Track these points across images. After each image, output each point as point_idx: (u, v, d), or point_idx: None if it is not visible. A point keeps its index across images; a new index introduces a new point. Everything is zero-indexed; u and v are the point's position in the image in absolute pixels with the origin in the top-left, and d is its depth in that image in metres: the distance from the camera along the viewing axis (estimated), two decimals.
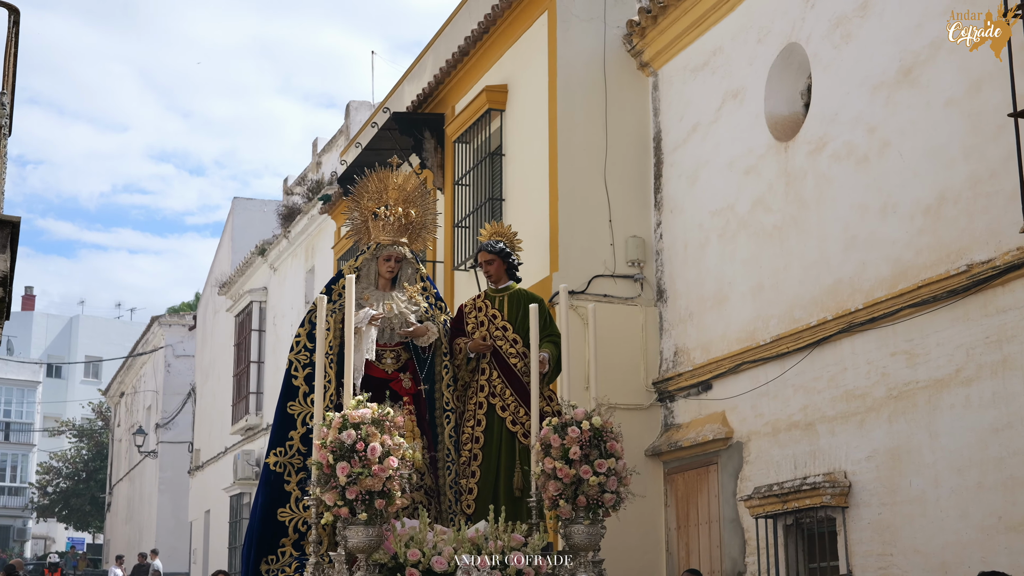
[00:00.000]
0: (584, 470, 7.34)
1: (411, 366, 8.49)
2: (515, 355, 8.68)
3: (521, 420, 8.52)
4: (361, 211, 8.73)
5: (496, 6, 13.32)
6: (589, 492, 7.33)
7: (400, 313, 8.46)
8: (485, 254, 9.00)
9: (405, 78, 17.11)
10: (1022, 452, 8.01)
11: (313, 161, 23.91)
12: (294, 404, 8.38)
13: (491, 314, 8.85)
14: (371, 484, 6.84)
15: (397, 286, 8.70)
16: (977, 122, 8.48)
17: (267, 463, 8.30)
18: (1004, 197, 8.18)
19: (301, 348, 8.54)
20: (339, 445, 6.90)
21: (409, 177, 8.80)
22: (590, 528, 7.43)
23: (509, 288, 9.00)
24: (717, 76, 11.46)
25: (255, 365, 24.06)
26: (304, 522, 8.00)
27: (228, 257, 27.81)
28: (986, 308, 8.32)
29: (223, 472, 25.64)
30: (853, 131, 9.67)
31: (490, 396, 8.65)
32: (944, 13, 8.78)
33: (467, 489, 8.51)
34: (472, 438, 8.61)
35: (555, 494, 7.37)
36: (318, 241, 21.35)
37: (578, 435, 7.39)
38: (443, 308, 8.86)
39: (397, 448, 6.99)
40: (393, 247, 8.56)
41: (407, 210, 8.65)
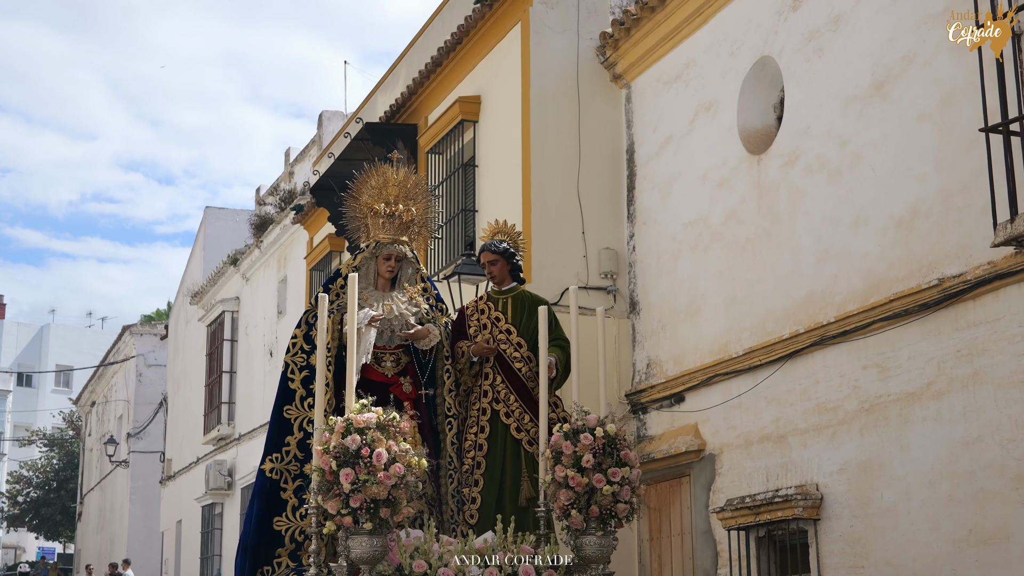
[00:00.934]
0: (597, 479, 7.07)
1: (411, 370, 8.18)
2: (520, 359, 8.40)
3: (526, 427, 8.25)
4: (360, 208, 8.41)
5: (469, 17, 13.32)
6: (602, 502, 7.08)
7: (400, 314, 8.16)
8: (488, 254, 8.68)
9: (378, 88, 17.10)
10: (992, 465, 8.03)
11: (285, 171, 23.87)
12: (291, 408, 8.08)
13: (494, 316, 8.55)
14: (376, 492, 6.56)
15: (397, 286, 8.39)
16: (949, 136, 8.51)
17: (262, 470, 7.97)
18: (976, 211, 8.21)
19: (298, 350, 8.22)
20: (343, 451, 6.62)
21: (409, 173, 8.50)
22: (602, 540, 7.17)
23: (513, 290, 8.70)
24: (690, 89, 11.48)
25: (227, 375, 24.00)
26: (302, 532, 7.72)
27: (200, 267, 27.74)
28: (957, 322, 8.35)
29: (195, 482, 25.55)
30: (826, 144, 9.70)
31: (494, 402, 8.35)
32: (917, 27, 8.82)
33: (470, 498, 8.19)
34: (475, 445, 8.30)
35: (566, 503, 7.10)
36: (290, 251, 21.30)
37: (591, 442, 7.12)
38: (444, 310, 8.55)
39: (403, 454, 6.72)
40: (393, 246, 8.26)
41: (408, 207, 8.34)
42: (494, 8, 12.94)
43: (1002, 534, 7.92)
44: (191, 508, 25.86)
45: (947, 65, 8.54)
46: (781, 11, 10.29)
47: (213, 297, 25.38)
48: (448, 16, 14.62)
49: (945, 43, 8.56)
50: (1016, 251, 7.87)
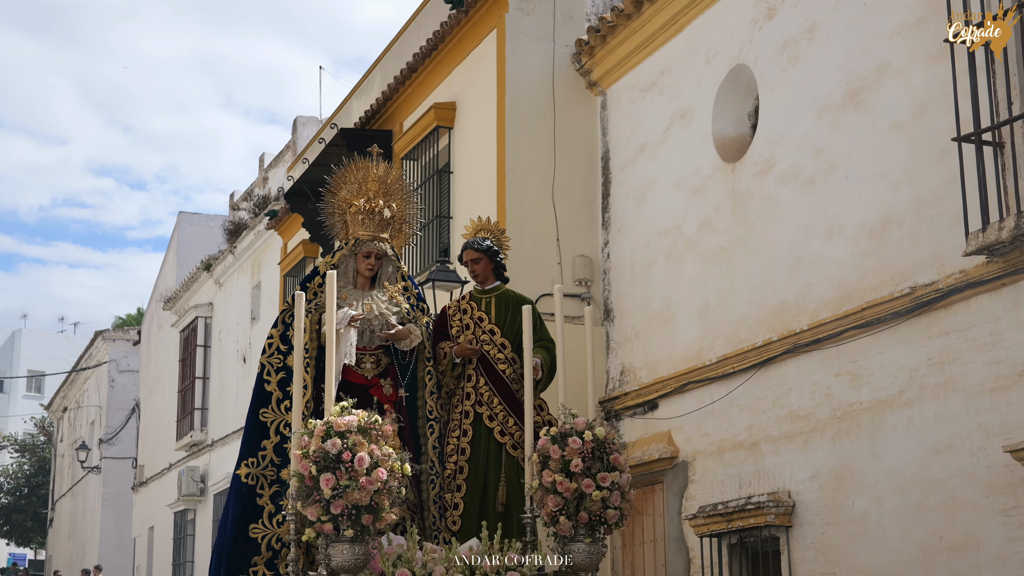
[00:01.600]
0: (586, 484, 6.87)
1: (392, 371, 7.92)
2: (503, 360, 8.16)
3: (510, 430, 8.03)
4: (339, 204, 8.16)
5: (445, 23, 13.32)
6: (591, 508, 6.88)
7: (381, 314, 7.88)
8: (471, 252, 8.41)
9: (353, 94, 17.09)
10: (963, 473, 8.07)
11: (260, 176, 23.82)
12: (267, 411, 7.81)
13: (477, 316, 8.30)
14: (358, 498, 6.34)
15: (377, 285, 8.10)
16: (922, 146, 8.55)
17: (237, 475, 7.72)
18: (948, 221, 8.25)
19: (274, 351, 7.93)
20: (323, 455, 6.39)
21: (390, 169, 8.25)
22: (591, 547, 6.95)
23: (497, 289, 8.46)
24: (665, 96, 11.51)
25: (200, 381, 23.92)
26: (279, 539, 7.46)
27: (173, 272, 27.65)
28: (929, 330, 8.38)
29: (167, 488, 25.45)
30: (799, 153, 9.73)
31: (476, 404, 8.11)
32: (891, 37, 8.86)
33: (452, 504, 7.96)
34: (457, 449, 8.07)
35: (554, 509, 6.89)
36: (264, 257, 21.25)
37: (580, 446, 6.92)
38: (425, 310, 8.30)
39: (386, 459, 6.50)
40: (373, 243, 7.99)
41: (388, 203, 8.09)
42: (470, 14, 12.94)
43: (972, 541, 7.96)
44: (163, 514, 25.75)
45: (920, 75, 8.58)
46: (756, 20, 10.33)
47: (186, 303, 25.30)
48: (424, 22, 14.63)
49: (919, 53, 8.61)
50: (988, 260, 7.91)
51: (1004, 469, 7.74)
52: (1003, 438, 7.76)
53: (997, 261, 7.84)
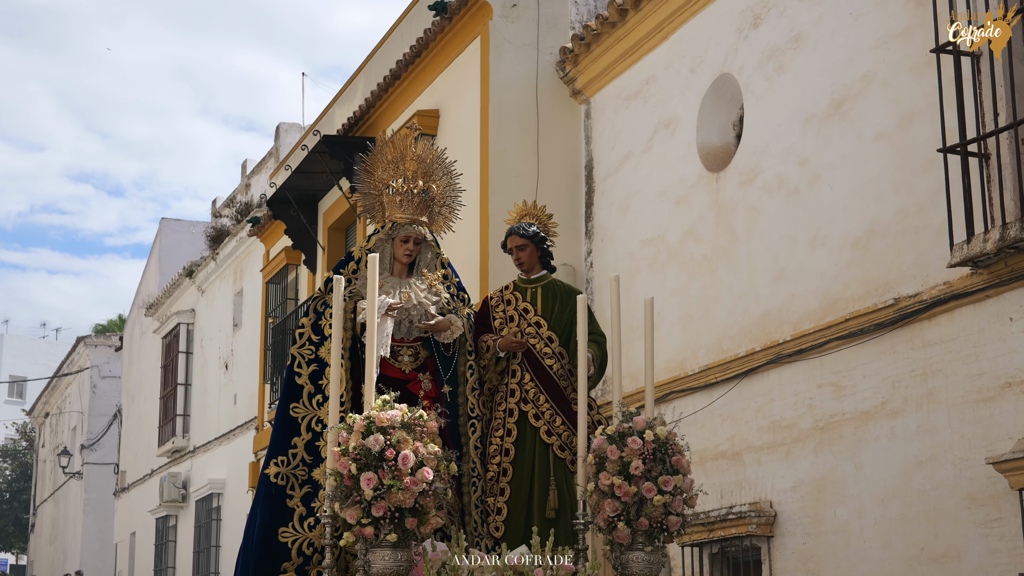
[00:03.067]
0: (647, 488, 6.33)
1: (431, 365, 7.38)
2: (551, 355, 7.62)
3: (557, 430, 7.50)
4: (374, 184, 7.56)
5: (428, 30, 13.28)
6: (652, 514, 6.33)
7: (419, 303, 7.31)
8: (516, 238, 7.86)
9: (336, 101, 17.04)
10: (945, 484, 8.05)
11: (242, 183, 23.76)
12: (297, 406, 7.16)
13: (522, 308, 7.76)
14: (402, 499, 5.85)
15: (415, 272, 7.53)
16: (907, 157, 8.53)
17: (266, 474, 7.09)
18: (932, 232, 8.23)
19: (305, 341, 7.29)
20: (365, 452, 5.90)
21: (430, 146, 7.71)
22: (651, 556, 6.39)
23: (543, 278, 7.89)
24: (649, 105, 11.48)
25: (182, 387, 23.86)
26: (310, 544, 6.89)
27: (155, 278, 27.57)
28: (912, 342, 8.36)
29: (149, 494, 25.38)
30: (784, 163, 9.71)
31: (521, 402, 7.55)
32: (876, 47, 8.85)
33: (495, 509, 7.40)
34: (501, 450, 7.51)
35: (612, 515, 6.34)
36: (247, 263, 21.20)
37: (640, 447, 6.40)
38: (466, 300, 7.73)
39: (432, 457, 6.02)
40: (412, 227, 7.41)
41: (428, 184, 7.53)
42: (453, 21, 12.91)
43: (953, 552, 7.94)
44: (145, 520, 25.67)
45: (906, 85, 8.57)
46: (741, 28, 10.31)
47: (168, 309, 25.23)
48: (407, 29, 14.58)
49: (904, 63, 8.60)
50: (972, 272, 7.89)
51: (986, 481, 7.72)
52: (985, 450, 7.74)
53: (981, 273, 7.83)
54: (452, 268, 7.68)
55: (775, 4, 9.93)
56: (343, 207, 16.38)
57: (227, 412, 21.38)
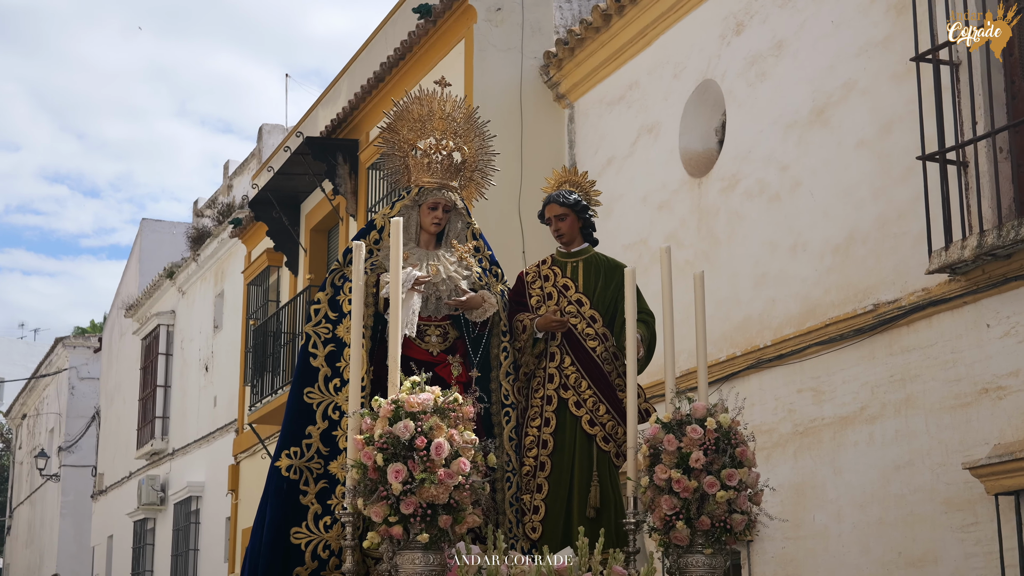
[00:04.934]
0: (709, 482, 5.66)
1: (460, 347, 6.61)
2: (593, 336, 6.82)
3: (601, 420, 6.71)
4: (399, 144, 6.80)
5: (413, 33, 13.31)
6: (715, 512, 5.67)
7: (449, 278, 6.56)
8: (555, 207, 7.07)
9: (319, 102, 17.05)
10: (923, 489, 8.10)
11: (224, 184, 23.74)
12: (312, 391, 6.39)
13: (562, 284, 6.95)
14: (435, 494, 5.17)
15: (443, 243, 6.78)
16: (887, 164, 8.59)
17: (276, 467, 6.31)
18: (911, 239, 8.29)
19: (321, 319, 6.51)
20: (392, 441, 5.21)
21: (460, 104, 6.97)
22: (712, 559, 5.73)
23: (585, 251, 7.10)
24: (633, 110, 11.53)
25: (161, 389, 23.80)
26: (326, 546, 6.17)
27: (135, 279, 27.50)
28: (891, 347, 8.42)
29: (127, 497, 25.30)
30: (766, 169, 9.76)
31: (561, 388, 6.74)
32: (857, 55, 8.91)
33: (531, 507, 6.63)
34: (538, 442, 6.72)
35: (669, 513, 5.68)
36: (228, 265, 21.17)
37: (700, 436, 5.75)
38: (499, 276, 6.92)
39: (469, 447, 5.33)
40: (441, 192, 6.65)
41: (459, 146, 6.78)
42: (438, 24, 12.94)
43: (930, 557, 7.99)
44: (123, 523, 25.58)
45: (886, 93, 8.63)
46: (724, 35, 10.36)
47: (148, 310, 25.17)
48: (391, 31, 14.61)
49: (885, 71, 8.66)
50: (950, 279, 7.95)
51: (963, 486, 7.78)
52: (962, 455, 7.79)
53: (959, 280, 7.89)
54: (484, 239, 6.96)
55: (758, 11, 10.00)
56: (326, 209, 16.39)
57: (207, 415, 21.35)
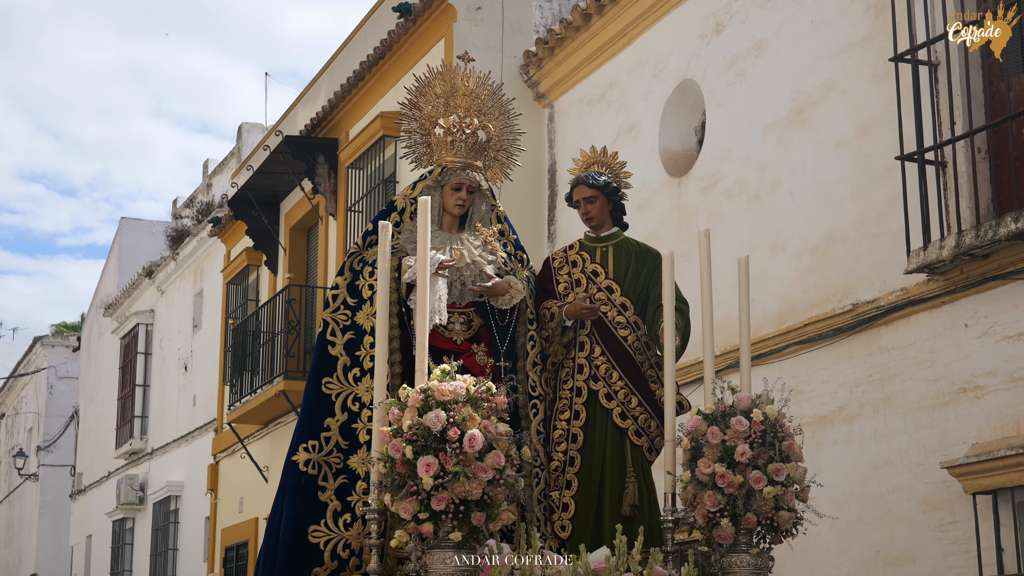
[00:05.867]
0: (756, 478, 5.36)
1: (485, 335, 6.27)
2: (624, 325, 6.49)
3: (633, 413, 6.38)
4: (421, 121, 6.45)
5: (393, 32, 13.30)
6: (761, 509, 5.38)
7: (473, 262, 6.24)
8: (584, 188, 6.72)
9: (299, 102, 17.03)
10: (901, 488, 8.12)
11: (203, 183, 23.68)
12: (331, 381, 6.06)
13: (591, 270, 6.64)
14: (468, 490, 4.84)
15: (467, 227, 6.45)
16: (866, 164, 8.61)
17: (294, 461, 5.97)
18: (890, 239, 8.31)
19: (340, 305, 6.17)
20: (423, 432, 4.88)
21: (484, 81, 6.61)
22: (757, 559, 5.43)
23: (615, 236, 6.77)
24: (613, 110, 11.53)
25: (140, 388, 23.72)
26: (346, 545, 5.84)
27: (114, 278, 27.41)
28: (870, 347, 8.43)
29: (106, 496, 25.22)
30: (745, 169, 9.77)
31: (591, 380, 6.42)
32: (837, 55, 8.93)
33: (560, 505, 6.30)
34: (567, 436, 6.38)
35: (713, 510, 5.36)
36: (207, 264, 21.13)
37: (746, 428, 5.44)
38: (525, 261, 6.60)
39: (503, 439, 5.00)
40: (465, 172, 6.33)
41: (484, 124, 6.46)
42: (417, 24, 12.93)
43: (908, 556, 8.01)
44: (102, 523, 25.50)
45: (865, 93, 8.65)
46: (704, 35, 10.37)
47: (127, 309, 25.09)
48: (371, 30, 14.59)
49: (864, 71, 8.68)
50: (928, 278, 7.98)
51: (941, 485, 7.80)
52: (940, 454, 7.82)
53: (937, 279, 7.91)
54: (509, 223, 6.64)
55: (737, 11, 10.01)
56: (305, 208, 16.37)
57: (186, 414, 21.29)
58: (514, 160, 6.66)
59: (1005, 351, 7.52)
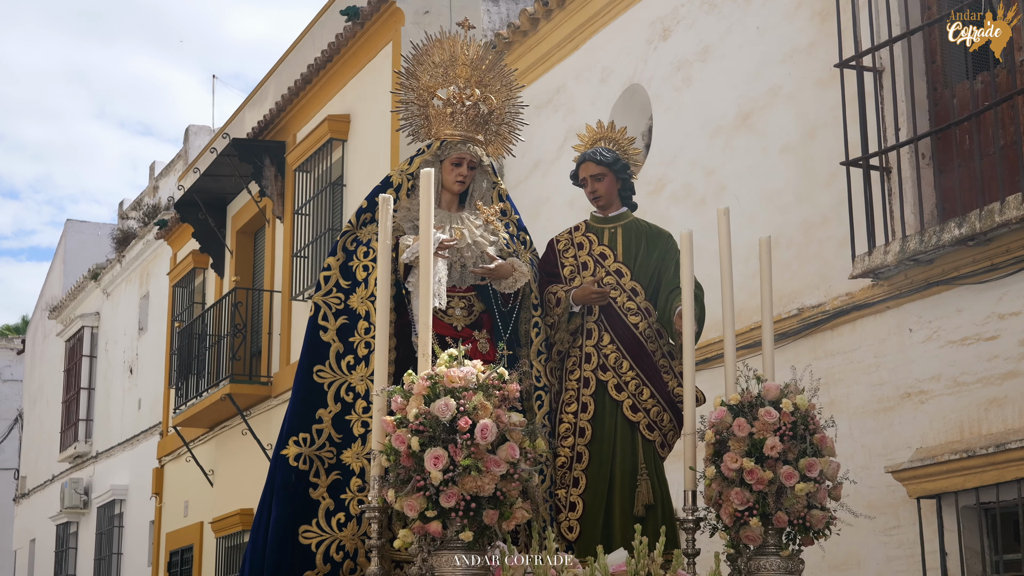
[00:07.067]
0: (787, 473, 4.95)
1: (487, 322, 5.86)
2: (635, 311, 6.10)
3: (644, 405, 5.98)
4: (419, 92, 6.01)
5: (340, 35, 13.25)
6: (793, 507, 4.99)
7: (475, 243, 5.83)
8: (591, 165, 6.30)
9: (246, 104, 16.94)
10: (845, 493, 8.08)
11: (150, 185, 23.52)
12: (323, 369, 5.62)
13: (598, 252, 6.25)
14: (479, 485, 4.45)
15: (467, 205, 6.05)
16: (811, 169, 8.65)
17: (283, 456, 5.51)
18: (835, 243, 8.35)
19: (332, 287, 5.73)
20: (431, 422, 4.49)
21: (486, 51, 6.22)
22: (787, 563, 5.05)
23: (623, 216, 6.39)
24: (560, 114, 11.53)
25: (85, 391, 23.53)
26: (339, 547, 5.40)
27: (59, 280, 27.19)
28: (815, 351, 8.47)
29: (50, 500, 25.01)
30: (691, 173, 9.80)
31: (599, 370, 6.01)
32: (783, 61, 8.97)
33: (567, 504, 5.86)
34: (574, 430, 5.96)
35: (741, 509, 4.98)
36: (153, 266, 20.99)
37: (775, 420, 5.03)
38: (527, 243, 6.20)
39: (517, 430, 4.62)
40: (465, 146, 5.92)
41: (485, 95, 6.04)
42: (365, 27, 12.89)
43: (853, 560, 8.05)
44: (45, 527, 25.29)
45: (811, 99, 8.69)
46: (651, 40, 10.39)
47: (72, 312, 24.90)
48: (319, 33, 14.54)
49: (809, 77, 8.72)
50: (873, 283, 8.02)
51: (885, 489, 7.84)
52: (885, 459, 7.86)
53: (882, 284, 7.96)
54: (511, 202, 6.26)
55: (684, 17, 10.03)
56: (252, 211, 16.28)
57: (131, 417, 21.14)
58: (517, 135, 6.25)
59: (949, 356, 7.57)
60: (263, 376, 15.47)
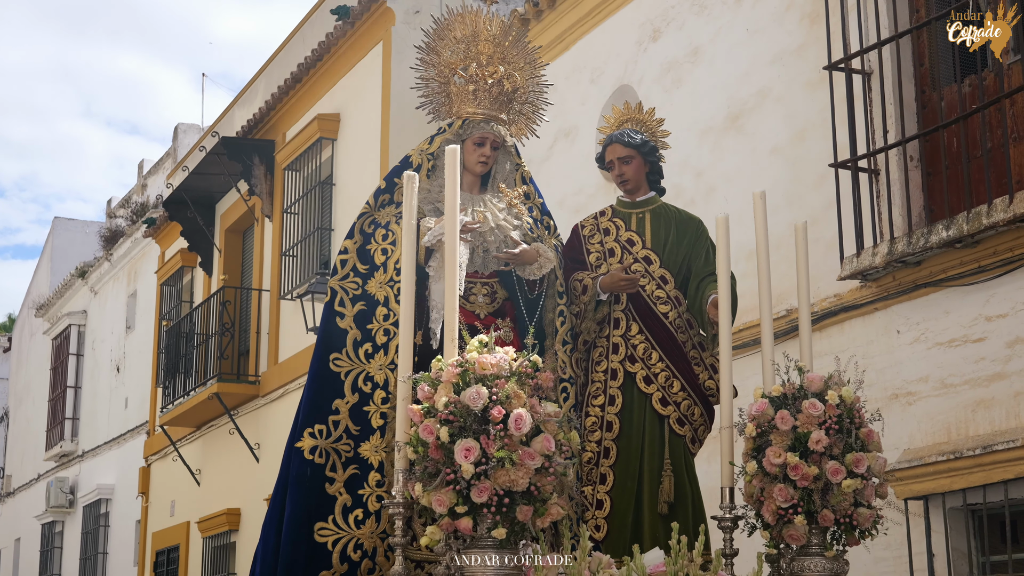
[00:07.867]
0: (833, 469, 4.69)
1: (510, 310, 5.59)
2: (664, 300, 5.84)
3: (675, 398, 5.76)
4: (440, 68, 5.79)
5: (330, 34, 13.25)
6: (840, 505, 4.72)
7: (498, 227, 5.56)
8: (618, 147, 6.07)
9: (236, 103, 16.93)
10: None
11: (138, 183, 23.49)
12: (340, 358, 5.31)
13: (625, 239, 5.98)
14: (513, 479, 4.15)
15: (490, 187, 5.80)
16: (800, 171, 8.67)
17: (298, 449, 5.22)
18: (823, 245, 8.37)
19: (349, 271, 5.48)
20: (462, 411, 4.20)
21: (509, 27, 5.92)
22: (833, 564, 4.76)
23: (652, 201, 6.12)
24: (549, 114, 11.46)
25: (72, 390, 23.48)
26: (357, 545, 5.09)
27: (46, 278, 27.13)
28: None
29: (35, 499, 24.96)
30: (680, 175, 9.80)
31: (628, 361, 5.75)
32: (772, 63, 8.99)
33: (594, 501, 5.62)
34: (601, 424, 5.70)
35: (784, 506, 4.70)
36: (141, 265, 20.96)
37: (820, 413, 4.78)
38: (552, 228, 5.95)
39: (552, 421, 4.33)
40: (488, 125, 5.67)
41: (509, 72, 5.77)
42: (356, 26, 12.89)
43: None
44: (30, 526, 25.23)
45: (800, 101, 8.71)
46: (641, 41, 10.41)
47: (59, 310, 24.85)
48: (309, 32, 14.54)
49: (799, 79, 8.74)
50: (861, 285, 8.04)
51: None
52: None
53: (870, 286, 7.98)
54: (535, 185, 6.02)
55: (674, 18, 10.05)
56: (241, 209, 16.28)
57: (118, 416, 21.10)
58: (541, 115, 6.00)
59: (936, 357, 7.60)
60: (251, 375, 15.45)
